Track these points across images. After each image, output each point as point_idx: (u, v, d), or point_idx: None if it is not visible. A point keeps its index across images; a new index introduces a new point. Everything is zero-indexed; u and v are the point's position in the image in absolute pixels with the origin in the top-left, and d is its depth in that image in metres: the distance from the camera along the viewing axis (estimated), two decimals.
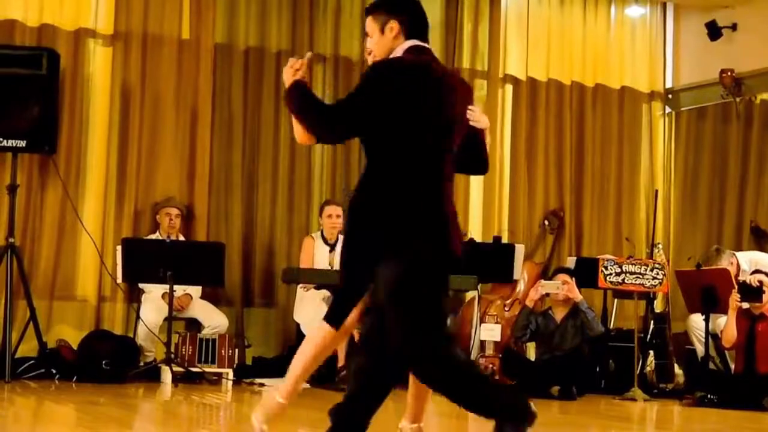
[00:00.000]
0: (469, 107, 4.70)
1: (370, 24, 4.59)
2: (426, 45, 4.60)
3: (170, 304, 8.67)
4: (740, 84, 10.62)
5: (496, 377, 8.89)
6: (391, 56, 4.51)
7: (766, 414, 7.83)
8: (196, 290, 9.30)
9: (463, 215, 10.57)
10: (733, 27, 10.73)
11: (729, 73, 10.58)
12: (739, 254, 9.42)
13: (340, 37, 10.32)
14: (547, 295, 9.16)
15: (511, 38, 10.92)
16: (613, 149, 11.21)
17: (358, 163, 10.24)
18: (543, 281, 9.19)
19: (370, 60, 4.60)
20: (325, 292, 8.83)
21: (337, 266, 9.16)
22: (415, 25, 4.57)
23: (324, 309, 9.08)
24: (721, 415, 7.84)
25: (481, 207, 10.78)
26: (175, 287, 8.73)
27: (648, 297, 9.66)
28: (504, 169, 10.84)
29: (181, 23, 9.75)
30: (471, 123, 4.71)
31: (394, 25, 4.53)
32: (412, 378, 4.79)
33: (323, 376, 8.60)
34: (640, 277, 8.83)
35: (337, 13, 10.30)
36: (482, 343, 9.06)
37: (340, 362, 8.89)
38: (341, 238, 9.63)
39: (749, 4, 10.62)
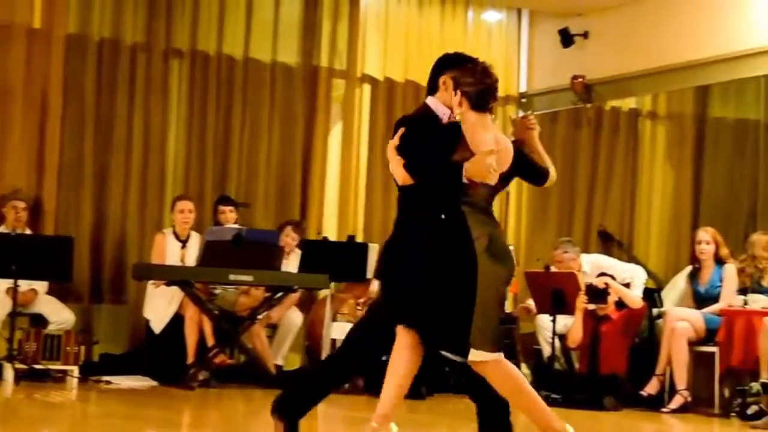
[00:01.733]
0: None
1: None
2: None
3: (14, 299, 8.46)
4: (591, 90, 10.86)
5: None
6: None
7: (607, 413, 8.03)
8: (42, 285, 9.08)
9: (317, 213, 10.58)
10: (585, 35, 10.93)
11: (580, 80, 10.80)
12: (582, 255, 9.65)
13: (198, 32, 10.21)
14: None
15: (369, 38, 10.95)
16: None
17: (212, 160, 10.16)
18: None
19: None
20: (176, 289, 8.73)
21: (188, 262, 9.12)
22: None
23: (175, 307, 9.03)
24: (563, 414, 7.88)
25: (336, 205, 10.79)
26: (20, 282, 8.52)
27: None
28: (360, 168, 10.87)
29: (32, 12, 9.54)
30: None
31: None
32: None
33: (174, 374, 8.54)
34: None
35: (195, 8, 10.18)
36: (333, 342, 9.07)
37: (190, 359, 8.82)
38: (193, 234, 9.57)
39: (601, 13, 10.84)
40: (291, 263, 9.38)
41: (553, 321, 8.85)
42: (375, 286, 9.95)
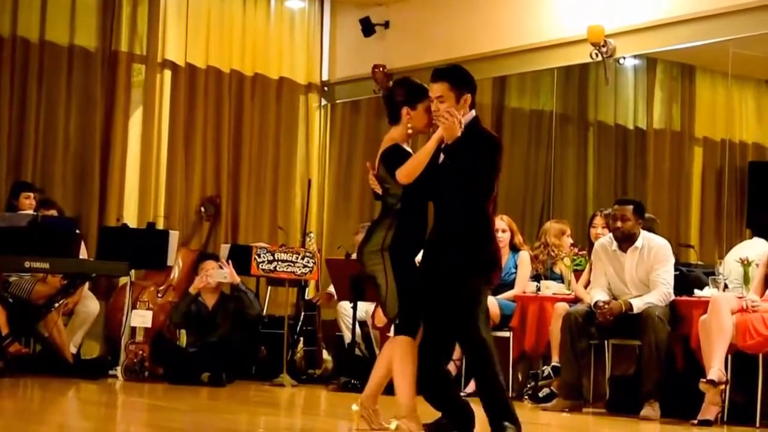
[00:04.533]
0: None
1: (446, 90, 5.50)
2: None
3: None
4: (391, 79, 10.98)
5: (146, 364, 8.83)
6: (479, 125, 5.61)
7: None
8: None
9: (118, 200, 10.41)
10: (386, 25, 11.08)
11: (381, 69, 10.95)
12: None
13: None
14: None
15: (170, 23, 10.81)
16: (270, 139, 11.35)
17: (6, 144, 9.86)
18: (212, 271, 9.19)
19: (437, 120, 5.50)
20: None
21: None
22: (474, 99, 5.62)
23: None
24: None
25: (137, 192, 10.63)
26: None
27: (299, 284, 9.86)
28: (161, 154, 10.74)
29: None
30: None
31: (468, 98, 5.57)
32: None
33: None
34: (292, 265, 9.02)
35: None
36: (133, 330, 8.96)
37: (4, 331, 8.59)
38: None
39: (401, 3, 11.01)
40: None
41: (354, 308, 8.95)
42: (176, 272, 9.89)
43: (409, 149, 5.65)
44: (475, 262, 5.51)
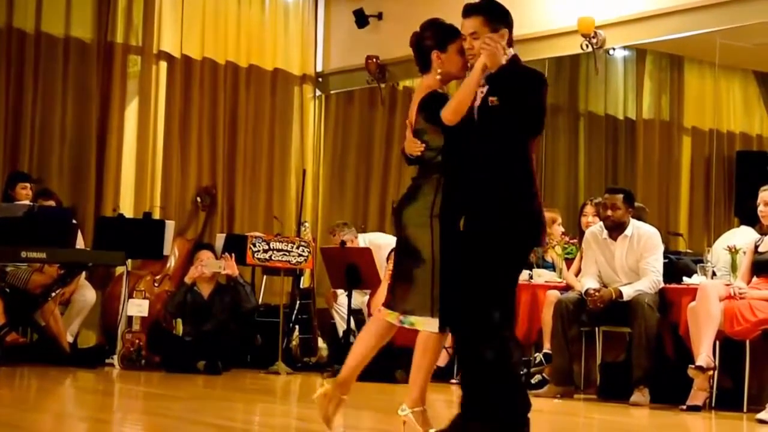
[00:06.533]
0: None
1: (480, 26, 4.84)
2: None
3: None
4: (384, 70, 11.09)
5: (143, 353, 8.91)
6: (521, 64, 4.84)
7: (398, 386, 8.24)
8: None
9: (114, 190, 10.48)
10: (379, 16, 11.13)
11: (374, 60, 11.02)
12: (360, 235, 9.95)
13: None
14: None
15: (166, 15, 10.87)
16: (265, 129, 11.43)
17: (2, 135, 9.92)
18: (207, 261, 9.26)
19: (472, 60, 4.82)
20: None
21: None
22: (511, 36, 4.90)
23: None
24: (355, 389, 8.14)
25: (133, 182, 10.70)
26: None
27: (294, 273, 9.94)
28: (157, 145, 10.81)
29: None
30: None
31: (505, 33, 4.85)
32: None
33: None
34: (287, 254, 9.09)
35: None
36: (129, 319, 9.04)
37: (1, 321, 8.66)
38: None
39: None
40: None
41: (349, 296, 9.03)
42: (173, 262, 9.97)
43: (448, 95, 4.93)
44: (523, 218, 4.75)
